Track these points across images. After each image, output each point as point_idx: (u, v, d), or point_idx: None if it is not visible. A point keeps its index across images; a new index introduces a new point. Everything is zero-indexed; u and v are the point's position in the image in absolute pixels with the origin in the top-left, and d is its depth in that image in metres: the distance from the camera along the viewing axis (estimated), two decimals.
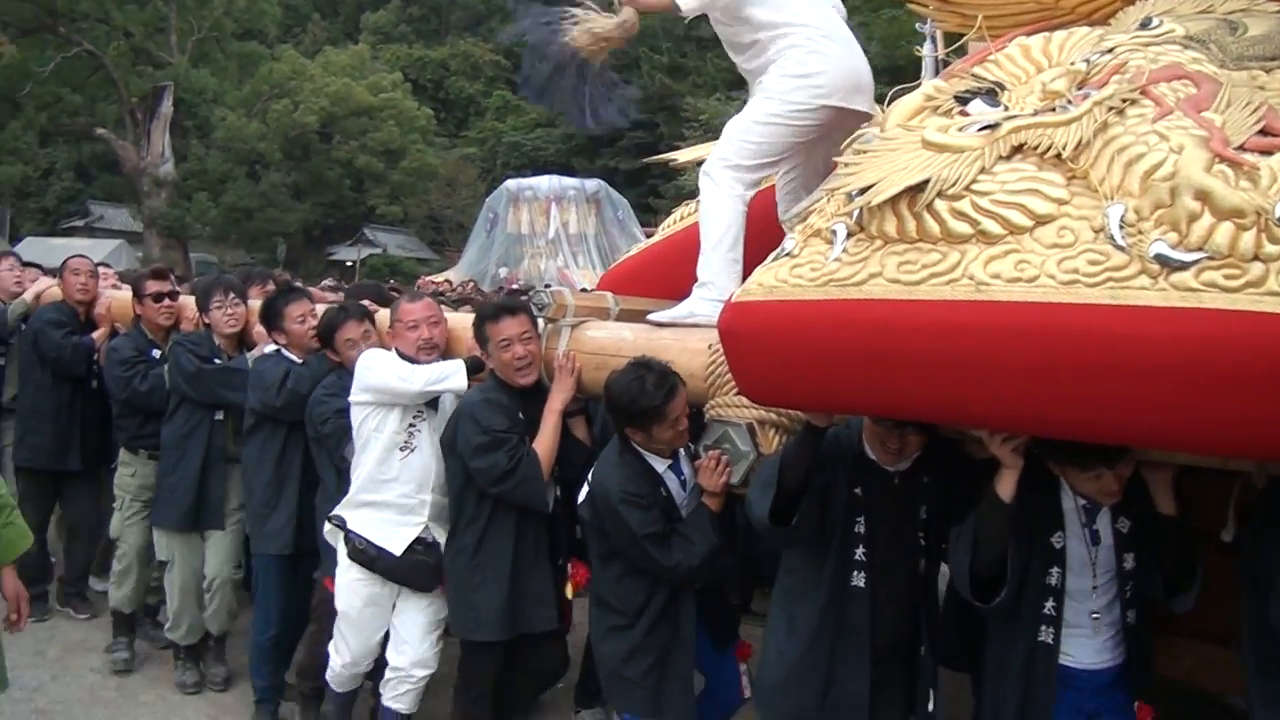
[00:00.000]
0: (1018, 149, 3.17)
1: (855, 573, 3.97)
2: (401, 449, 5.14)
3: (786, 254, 3.39)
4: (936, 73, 5.48)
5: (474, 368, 5.06)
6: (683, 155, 6.39)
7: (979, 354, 2.92)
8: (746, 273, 4.61)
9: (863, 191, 3.24)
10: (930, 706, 4.08)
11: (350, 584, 5.19)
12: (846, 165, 3.43)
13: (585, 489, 4.58)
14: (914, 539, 4.05)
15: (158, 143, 37.89)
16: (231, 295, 6.36)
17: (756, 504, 3.89)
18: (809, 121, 4.75)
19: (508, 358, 4.85)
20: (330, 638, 5.57)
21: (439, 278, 24.42)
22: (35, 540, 7.23)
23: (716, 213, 4.82)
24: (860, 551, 3.97)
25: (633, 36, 5.10)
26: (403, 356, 5.18)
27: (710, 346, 4.34)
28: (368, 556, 5.12)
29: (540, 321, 4.97)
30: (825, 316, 3.17)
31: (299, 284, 7.05)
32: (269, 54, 44.37)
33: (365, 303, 5.97)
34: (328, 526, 5.31)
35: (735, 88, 39.38)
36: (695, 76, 44.27)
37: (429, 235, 50.82)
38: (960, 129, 3.30)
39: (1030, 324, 2.83)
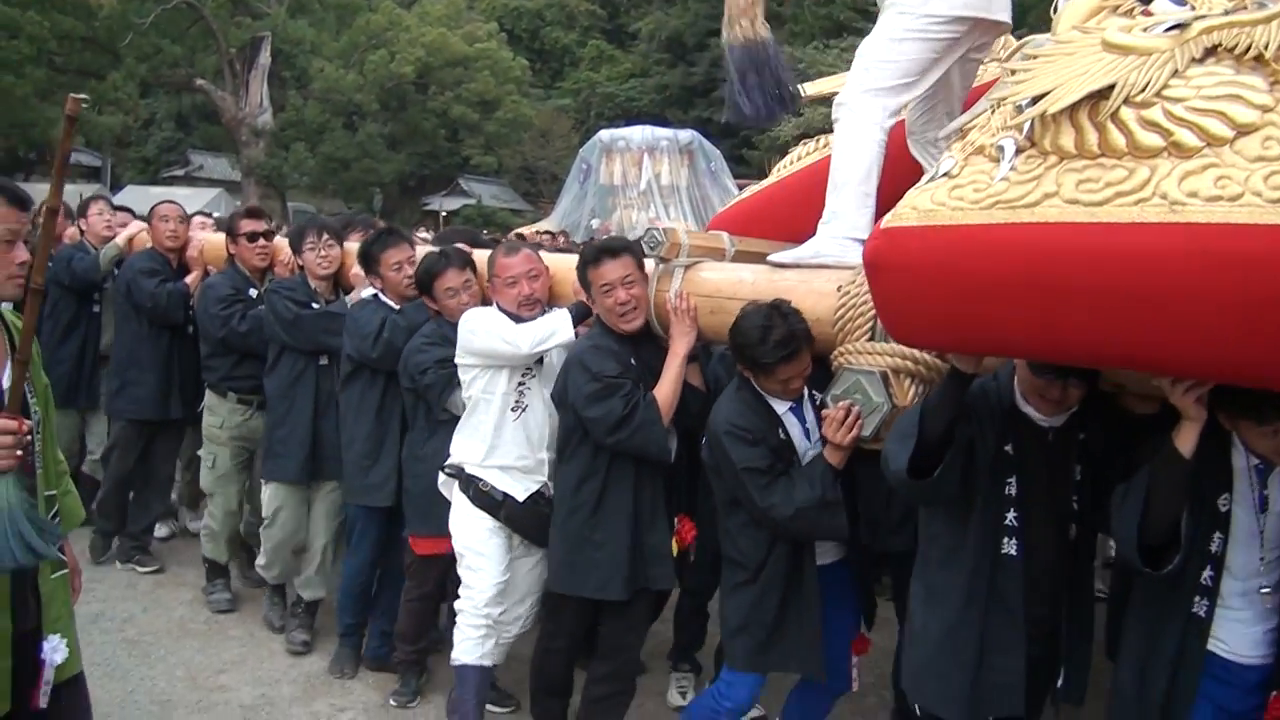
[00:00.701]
0: (1211, 51, 2.78)
1: (1006, 539, 3.57)
2: (514, 409, 4.91)
3: (944, 174, 3.01)
4: None
5: (580, 315, 4.76)
6: (810, 88, 5.92)
7: (1172, 285, 2.54)
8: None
9: (1035, 101, 2.86)
10: (1060, 682, 3.72)
11: (471, 521, 4.94)
12: (1015, 72, 3.02)
13: (706, 436, 4.33)
14: (1067, 502, 3.64)
15: (256, 93, 37.95)
16: (325, 236, 6.12)
17: (894, 456, 3.52)
18: (947, 33, 4.34)
19: (610, 303, 4.54)
20: (422, 597, 5.45)
21: (532, 229, 24.20)
22: (122, 484, 7.40)
23: (853, 142, 4.43)
24: (1012, 515, 3.57)
25: None
26: (504, 311, 4.91)
27: (840, 288, 4.00)
28: (493, 501, 4.90)
29: (651, 262, 4.62)
30: (991, 243, 2.80)
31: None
32: (366, 4, 44.08)
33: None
34: (442, 477, 5.08)
35: (832, 35, 39.03)
36: (792, 24, 43.70)
37: (523, 186, 50.74)
38: (1145, 30, 2.88)
39: (1234, 249, 2.45)
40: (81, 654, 3.40)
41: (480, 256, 5.37)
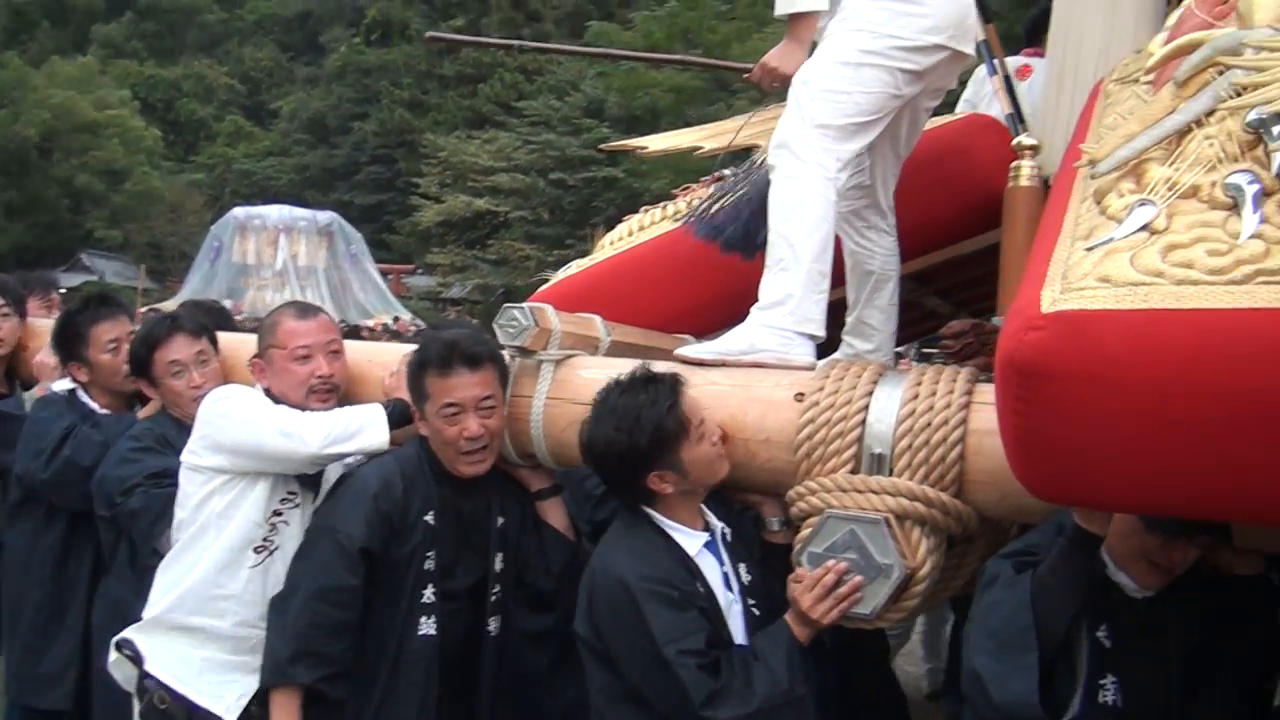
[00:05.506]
0: None
1: None
2: (258, 549, 3.33)
3: (1144, 228, 1.96)
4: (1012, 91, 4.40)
5: (400, 418, 3.35)
6: (655, 142, 4.97)
7: None
8: None
9: None
10: None
11: None
12: (1228, 70, 2.02)
13: (583, 599, 2.99)
14: (1168, 697, 2.58)
15: None
16: None
17: (1001, 681, 2.41)
18: (913, 65, 3.37)
19: (453, 434, 3.17)
20: None
21: (142, 311, 22.35)
22: None
23: (802, 201, 3.31)
24: None
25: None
26: (276, 401, 3.42)
27: (802, 397, 2.90)
28: None
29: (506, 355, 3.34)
30: (1263, 340, 1.78)
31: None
32: None
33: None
34: (113, 656, 3.41)
35: (475, 127, 39.22)
36: (435, 113, 44.70)
37: (150, 263, 48.12)
38: None
39: None
40: None
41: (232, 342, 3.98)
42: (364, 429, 3.30)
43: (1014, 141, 3.89)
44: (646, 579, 2.79)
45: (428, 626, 3.19)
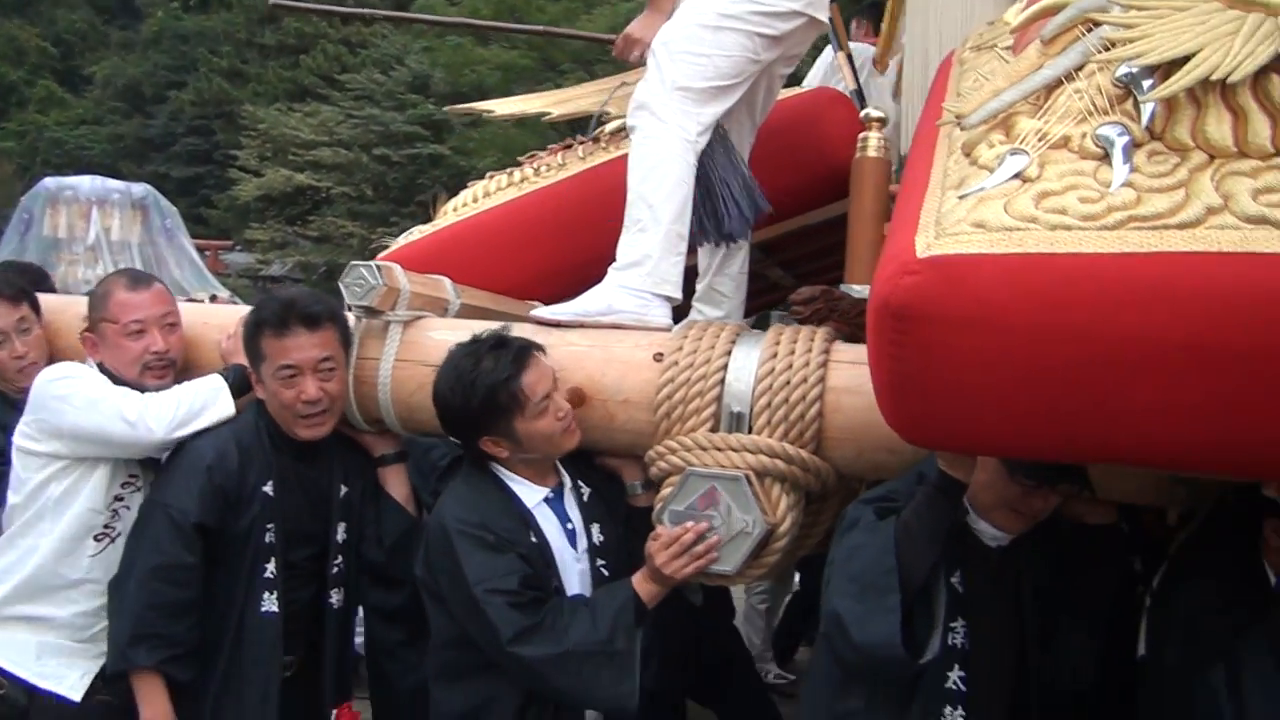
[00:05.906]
0: None
1: (949, 710, 2.50)
2: (98, 537, 3.21)
3: (1016, 177, 1.98)
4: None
5: (240, 385, 3.23)
6: (501, 106, 4.90)
7: None
8: None
9: (1156, 73, 1.92)
10: None
11: None
12: (1103, 28, 2.06)
13: (422, 543, 3.00)
14: (1019, 642, 2.61)
15: None
16: None
17: (863, 623, 2.39)
18: (772, 30, 3.37)
19: (290, 397, 3.07)
20: None
21: None
22: None
23: (660, 161, 3.29)
24: (956, 676, 2.50)
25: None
26: (111, 376, 3.25)
27: (661, 357, 2.91)
28: (16, 708, 3.14)
29: (352, 317, 3.25)
30: (1132, 283, 1.79)
31: None
32: None
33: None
34: None
35: (296, 99, 38.35)
36: (255, 84, 43.12)
37: None
38: None
39: None
40: None
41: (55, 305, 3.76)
42: (208, 405, 3.19)
43: (862, 114, 3.95)
44: (462, 522, 2.83)
45: (270, 603, 3.10)
